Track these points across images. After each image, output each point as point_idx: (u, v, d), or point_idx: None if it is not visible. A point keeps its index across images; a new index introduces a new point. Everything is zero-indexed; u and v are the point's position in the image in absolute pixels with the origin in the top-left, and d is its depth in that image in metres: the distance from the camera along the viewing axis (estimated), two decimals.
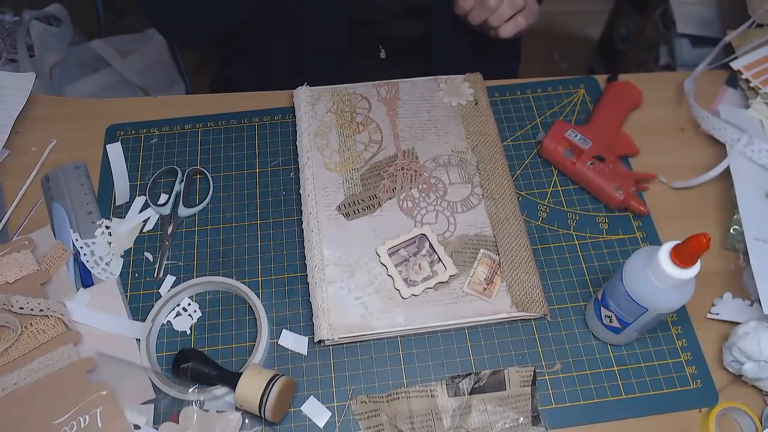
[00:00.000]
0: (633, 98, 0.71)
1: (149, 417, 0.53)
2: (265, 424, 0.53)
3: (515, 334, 0.58)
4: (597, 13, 1.85)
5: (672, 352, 0.57)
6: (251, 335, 0.57)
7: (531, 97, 0.73)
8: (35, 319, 0.56)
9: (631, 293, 0.48)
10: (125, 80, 1.23)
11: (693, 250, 0.43)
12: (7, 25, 1.16)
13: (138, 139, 0.69)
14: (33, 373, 0.53)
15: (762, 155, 0.64)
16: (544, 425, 0.53)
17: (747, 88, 0.72)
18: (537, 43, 0.97)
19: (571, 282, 0.60)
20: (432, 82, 0.72)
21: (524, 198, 0.65)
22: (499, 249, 0.60)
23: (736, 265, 0.62)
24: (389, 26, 0.76)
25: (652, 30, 1.33)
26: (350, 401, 0.54)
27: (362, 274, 0.58)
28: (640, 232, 0.63)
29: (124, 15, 1.74)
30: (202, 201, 0.65)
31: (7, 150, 0.69)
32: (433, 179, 0.64)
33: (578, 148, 0.65)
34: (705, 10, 1.13)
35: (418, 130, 0.68)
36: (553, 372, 0.56)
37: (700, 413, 0.54)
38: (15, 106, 0.70)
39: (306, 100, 0.70)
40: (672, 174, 0.66)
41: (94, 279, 0.60)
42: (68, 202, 0.64)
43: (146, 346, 0.55)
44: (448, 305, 0.57)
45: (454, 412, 0.53)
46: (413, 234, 0.60)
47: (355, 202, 0.63)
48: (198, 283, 0.59)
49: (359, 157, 0.66)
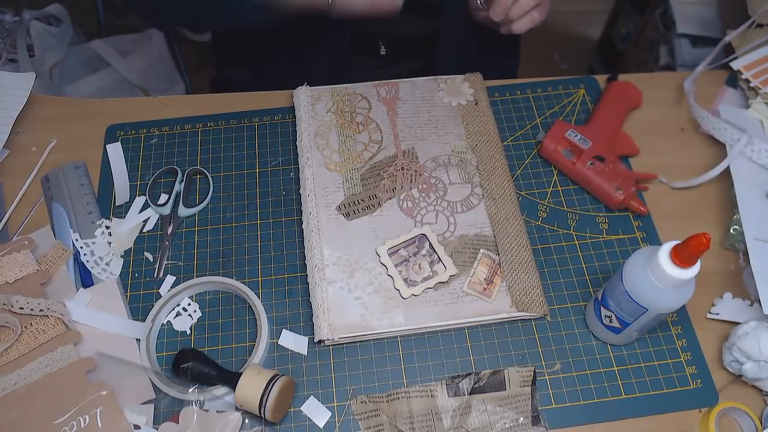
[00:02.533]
0: (633, 98, 0.71)
1: (149, 417, 0.53)
2: (265, 424, 0.53)
3: (515, 334, 0.58)
4: (597, 13, 1.85)
5: (672, 352, 0.57)
6: (251, 335, 0.57)
7: (531, 97, 0.73)
8: (35, 319, 0.56)
9: (631, 293, 0.48)
10: (125, 80, 1.23)
11: (693, 250, 0.43)
12: (7, 25, 1.16)
13: (138, 139, 0.69)
14: (33, 373, 0.53)
15: (762, 155, 0.64)
16: (544, 425, 0.53)
17: (747, 88, 0.72)
18: (537, 43, 0.97)
19: (571, 282, 0.60)
20: (432, 82, 0.72)
21: (524, 198, 0.65)
22: (499, 249, 0.60)
23: (736, 265, 0.62)
24: (391, 22, 0.76)
25: (652, 30, 1.33)
26: (350, 401, 0.54)
27: (362, 274, 0.58)
28: (640, 232, 0.63)
29: (124, 15, 1.74)
30: (202, 201, 0.65)
31: (7, 150, 0.69)
32: (433, 179, 0.64)
33: (578, 148, 0.65)
34: (705, 10, 1.13)
35: (418, 130, 0.68)
36: (553, 372, 0.56)
37: (700, 413, 0.54)
38: (15, 106, 0.70)
39: (306, 100, 0.70)
40: (672, 174, 0.66)
41: (94, 279, 0.60)
42: (68, 202, 0.64)
43: (146, 346, 0.55)
44: (448, 305, 0.57)
45: (454, 412, 0.53)
46: (413, 234, 0.60)
47: (355, 202, 0.63)
48: (198, 283, 0.59)
49: (359, 157, 0.66)
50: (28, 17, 1.17)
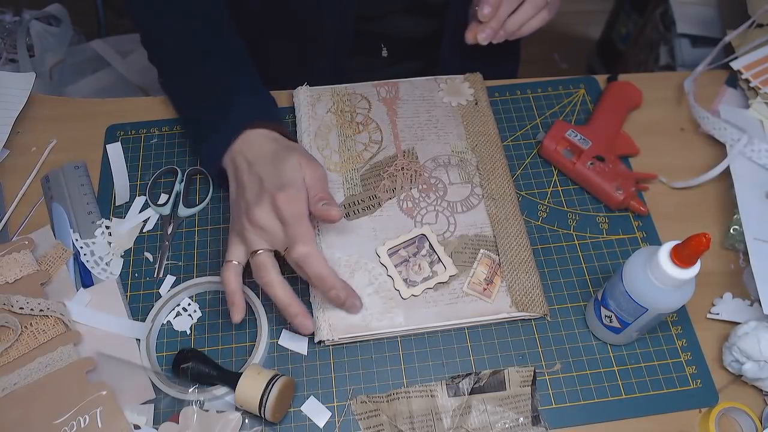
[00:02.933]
0: (633, 98, 0.71)
1: (149, 417, 0.53)
2: (265, 424, 0.53)
3: (515, 334, 0.58)
4: (597, 13, 1.85)
5: (672, 352, 0.57)
6: (251, 335, 0.57)
7: (531, 97, 0.73)
8: (35, 319, 0.56)
9: (631, 293, 0.48)
10: (125, 80, 1.23)
11: (693, 250, 0.43)
12: (7, 25, 1.16)
13: (138, 139, 0.69)
14: (33, 373, 0.53)
15: (762, 155, 0.64)
16: (544, 425, 0.53)
17: (747, 88, 0.72)
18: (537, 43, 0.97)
19: (571, 282, 0.60)
20: (432, 82, 0.72)
21: (524, 198, 0.65)
22: (499, 249, 0.60)
23: (736, 265, 0.62)
24: (392, 23, 0.76)
25: (652, 30, 1.33)
26: (350, 401, 0.54)
27: (362, 275, 0.58)
28: (640, 232, 0.63)
29: (124, 15, 1.74)
30: (202, 201, 0.65)
31: (7, 150, 0.69)
32: (433, 179, 0.64)
33: (578, 148, 0.65)
34: (705, 10, 1.13)
35: (418, 130, 0.68)
36: (553, 372, 0.56)
37: (700, 413, 0.54)
38: (15, 106, 0.70)
39: (306, 100, 0.70)
40: (672, 174, 0.66)
41: (94, 279, 0.60)
42: (68, 202, 0.64)
43: (146, 346, 0.55)
44: (448, 305, 0.57)
45: (454, 412, 0.53)
46: (413, 234, 0.60)
47: (355, 202, 0.63)
48: (198, 283, 0.59)
49: (359, 157, 0.66)
50: (28, 17, 1.17)
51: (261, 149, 0.56)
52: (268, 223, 0.52)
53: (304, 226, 0.52)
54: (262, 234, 0.53)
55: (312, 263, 0.52)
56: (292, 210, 0.52)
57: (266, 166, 0.54)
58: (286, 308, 0.53)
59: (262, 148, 0.56)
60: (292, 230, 0.52)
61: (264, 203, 0.52)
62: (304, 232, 0.52)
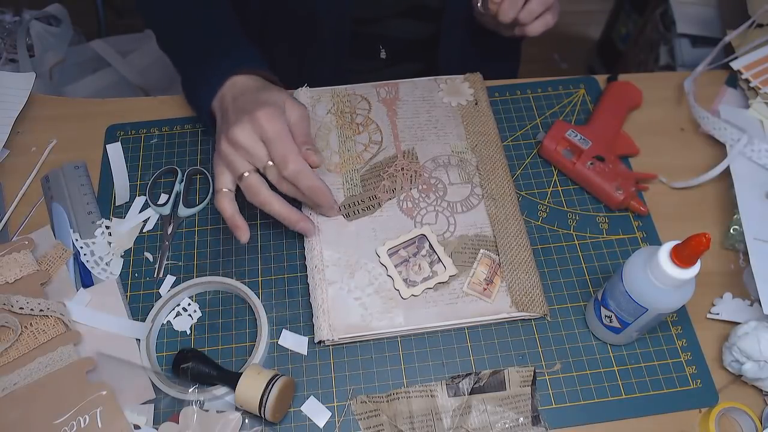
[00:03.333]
0: (633, 98, 0.71)
1: (149, 417, 0.53)
2: (265, 424, 0.53)
3: (515, 334, 0.58)
4: (597, 13, 1.85)
5: (672, 352, 0.57)
6: (251, 335, 0.57)
7: (531, 97, 0.73)
8: (35, 319, 0.56)
9: (631, 293, 0.49)
10: (125, 80, 1.23)
11: (693, 250, 0.43)
12: (7, 25, 1.16)
13: (138, 139, 0.69)
14: (33, 373, 0.53)
15: (762, 155, 0.64)
16: (544, 425, 0.53)
17: (747, 88, 0.72)
18: (537, 43, 0.97)
19: (571, 282, 0.60)
20: (432, 83, 0.72)
21: (524, 198, 0.65)
22: (499, 249, 0.60)
23: (736, 265, 0.62)
24: (391, 26, 0.76)
25: (652, 30, 1.33)
26: (350, 401, 0.54)
27: (362, 275, 0.58)
28: (640, 232, 0.63)
29: (124, 15, 1.74)
30: (202, 201, 0.65)
31: (7, 150, 0.69)
32: (433, 179, 0.64)
33: (578, 148, 0.65)
34: (705, 10, 1.13)
35: (417, 130, 0.68)
36: (553, 372, 0.56)
37: (700, 413, 0.54)
38: (15, 106, 0.70)
39: (306, 101, 0.70)
40: (672, 174, 0.66)
41: (94, 279, 0.60)
42: (68, 202, 0.64)
43: (146, 346, 0.55)
44: (448, 305, 0.57)
45: (454, 412, 0.53)
46: (413, 234, 0.60)
47: (355, 202, 0.63)
48: (198, 283, 0.59)
49: (359, 157, 0.66)
50: (28, 17, 1.17)
51: (246, 87, 0.58)
52: (249, 142, 0.53)
53: (288, 143, 0.53)
54: (245, 155, 0.53)
55: (304, 178, 0.53)
56: (273, 127, 0.52)
57: (248, 97, 0.56)
58: (287, 218, 0.55)
59: (248, 85, 0.58)
60: (278, 149, 0.52)
61: (244, 122, 0.53)
62: (290, 149, 0.52)
